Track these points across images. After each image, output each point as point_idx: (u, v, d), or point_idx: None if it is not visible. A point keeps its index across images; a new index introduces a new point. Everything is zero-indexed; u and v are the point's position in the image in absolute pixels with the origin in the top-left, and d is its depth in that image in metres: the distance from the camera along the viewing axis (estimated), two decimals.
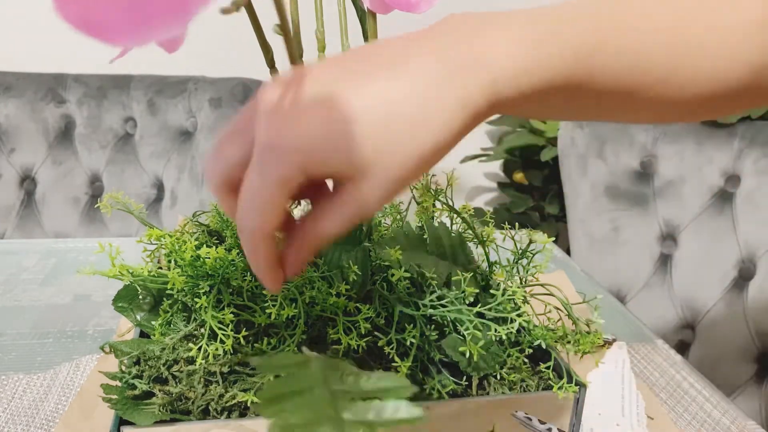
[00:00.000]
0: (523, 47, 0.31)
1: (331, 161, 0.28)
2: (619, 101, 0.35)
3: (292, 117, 0.28)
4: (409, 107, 0.28)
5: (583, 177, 1.19)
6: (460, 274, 0.42)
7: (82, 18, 0.15)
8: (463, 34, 0.31)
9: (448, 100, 0.29)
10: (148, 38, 0.16)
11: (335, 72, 0.29)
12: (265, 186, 0.28)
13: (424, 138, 0.29)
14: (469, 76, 0.29)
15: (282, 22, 0.32)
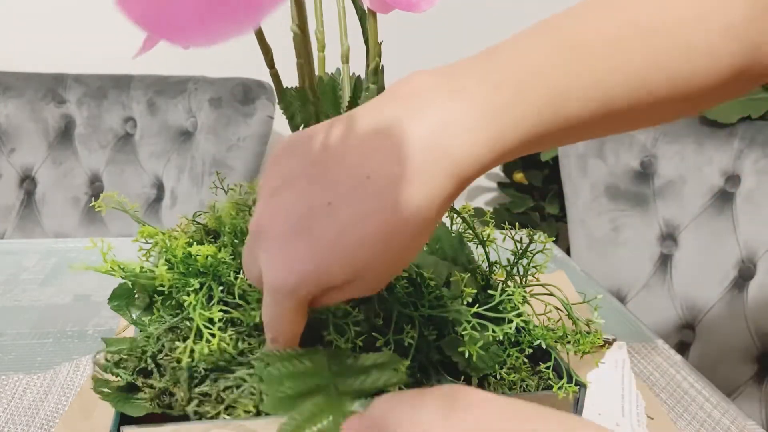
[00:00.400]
0: (488, 126, 0.31)
1: (330, 283, 0.31)
2: (592, 129, 0.36)
3: (283, 257, 0.31)
4: (382, 220, 0.30)
5: (583, 177, 1.19)
6: (458, 274, 0.42)
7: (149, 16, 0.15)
8: (424, 119, 0.31)
9: (418, 203, 0.30)
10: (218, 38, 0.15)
11: (306, 205, 0.31)
12: (280, 314, 0.33)
13: (402, 241, 0.31)
14: (433, 172, 0.30)
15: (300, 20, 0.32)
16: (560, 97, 0.33)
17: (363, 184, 0.30)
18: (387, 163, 0.30)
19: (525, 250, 0.46)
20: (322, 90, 0.45)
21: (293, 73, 0.42)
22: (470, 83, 0.32)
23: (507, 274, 0.46)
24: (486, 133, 0.31)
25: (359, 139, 0.31)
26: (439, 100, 0.31)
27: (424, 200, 0.30)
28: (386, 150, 0.30)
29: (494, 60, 0.33)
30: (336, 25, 0.43)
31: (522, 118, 0.32)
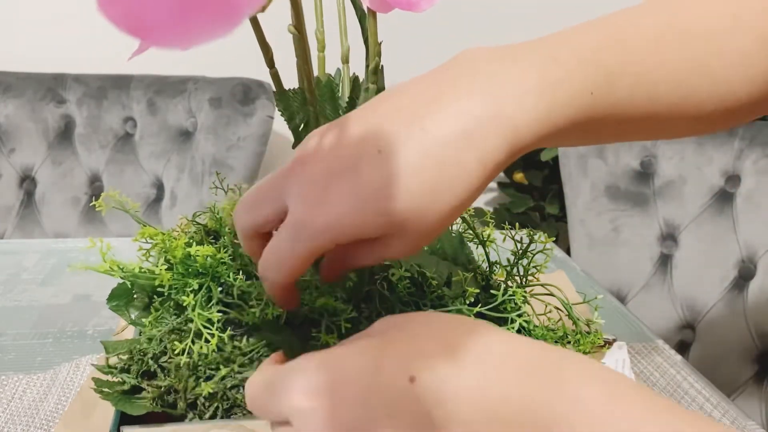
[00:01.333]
0: (544, 93, 0.31)
1: (361, 233, 0.30)
2: (636, 128, 0.36)
3: (322, 192, 0.30)
4: (430, 173, 0.29)
5: (583, 177, 1.19)
6: (461, 273, 0.42)
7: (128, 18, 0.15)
8: (481, 79, 0.31)
9: (467, 162, 0.30)
10: (196, 41, 0.15)
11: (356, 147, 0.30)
12: (293, 254, 0.31)
13: (447, 200, 0.30)
14: (488, 134, 0.30)
15: (297, 21, 0.32)
16: (611, 82, 0.33)
17: (416, 135, 0.30)
18: (443, 121, 0.30)
19: (525, 250, 0.46)
20: (320, 91, 0.45)
21: (293, 73, 0.42)
22: (527, 55, 0.32)
23: (507, 274, 0.46)
24: (544, 104, 0.31)
25: (415, 99, 0.31)
26: (496, 66, 0.31)
27: (475, 164, 0.30)
28: (443, 109, 0.30)
29: (548, 41, 0.33)
30: (336, 25, 0.43)
31: (576, 94, 0.31)
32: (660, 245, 1.13)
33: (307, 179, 0.31)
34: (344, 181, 0.30)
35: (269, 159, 1.51)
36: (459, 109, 0.30)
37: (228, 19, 0.15)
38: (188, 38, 0.15)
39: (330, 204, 0.30)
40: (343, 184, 0.30)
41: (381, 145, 0.30)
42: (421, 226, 0.30)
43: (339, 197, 0.30)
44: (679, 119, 0.36)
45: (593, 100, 0.32)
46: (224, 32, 0.15)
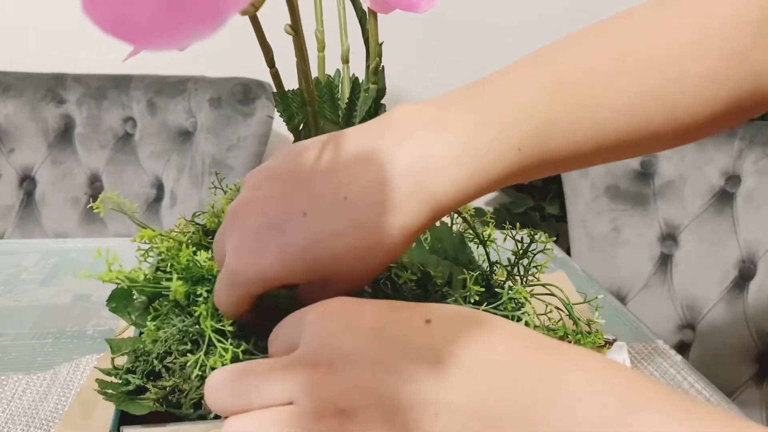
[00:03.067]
0: (467, 163, 0.32)
1: (290, 282, 0.32)
2: (580, 161, 0.36)
3: (251, 246, 0.32)
4: (352, 239, 0.31)
5: (583, 177, 1.19)
6: (466, 272, 0.42)
7: (112, 20, 0.15)
8: (405, 149, 0.32)
9: (389, 228, 0.31)
10: (181, 42, 0.15)
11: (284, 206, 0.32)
12: (230, 297, 0.34)
13: (369, 262, 0.32)
14: (410, 204, 0.31)
15: (294, 21, 0.32)
16: (544, 132, 0.33)
17: (340, 204, 0.31)
18: (366, 188, 0.31)
19: (526, 250, 0.46)
20: (320, 92, 0.45)
21: (293, 73, 0.42)
22: (455, 119, 0.33)
23: (508, 274, 0.46)
24: (466, 168, 0.32)
25: (345, 161, 0.33)
26: (423, 134, 0.32)
27: (398, 227, 0.31)
28: (368, 176, 0.32)
29: (480, 94, 0.34)
30: (336, 25, 0.43)
31: (503, 154, 0.32)
32: (660, 245, 1.13)
33: (237, 233, 0.33)
34: (271, 238, 0.32)
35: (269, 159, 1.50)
36: (383, 180, 0.31)
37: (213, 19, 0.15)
38: (174, 39, 0.15)
39: (257, 258, 0.32)
40: (270, 242, 0.32)
41: (306, 208, 0.32)
42: (347, 279, 0.32)
43: (266, 252, 0.32)
44: (631, 148, 0.36)
45: (521, 156, 0.33)
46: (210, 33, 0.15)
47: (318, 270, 0.32)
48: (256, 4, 0.30)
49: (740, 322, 1.01)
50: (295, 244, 0.31)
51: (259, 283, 0.32)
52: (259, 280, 0.32)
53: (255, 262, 0.32)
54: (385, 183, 0.31)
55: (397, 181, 0.31)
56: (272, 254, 0.32)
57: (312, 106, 0.42)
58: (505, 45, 1.60)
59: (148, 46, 0.15)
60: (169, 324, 0.40)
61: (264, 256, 0.32)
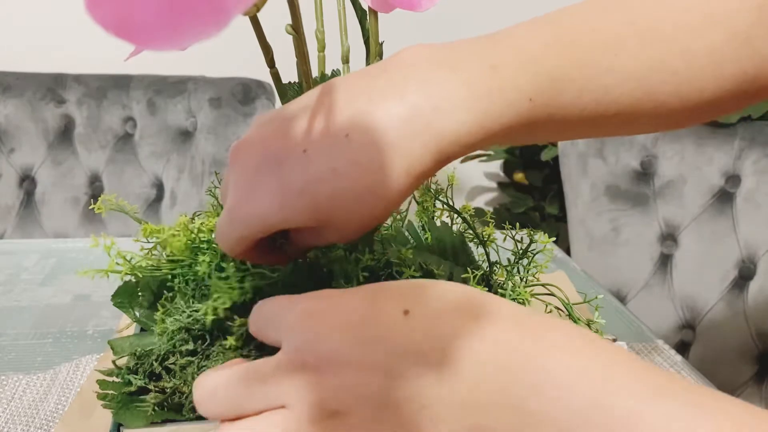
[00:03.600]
0: (476, 104, 0.30)
1: (287, 225, 0.31)
2: (585, 127, 0.35)
3: (250, 184, 0.31)
4: (353, 179, 0.30)
5: (583, 177, 1.19)
6: (470, 271, 0.42)
7: (115, 20, 0.15)
8: (413, 87, 0.31)
9: (392, 170, 0.30)
10: (183, 42, 0.15)
11: (284, 143, 0.31)
12: (230, 236, 0.33)
13: (371, 205, 0.30)
14: (415, 144, 0.30)
15: (294, 21, 0.32)
16: (554, 87, 0.32)
17: (341, 142, 0.30)
18: (369, 128, 0.30)
19: (525, 250, 0.46)
20: None
21: (293, 73, 0.42)
22: (465, 61, 0.31)
23: (507, 274, 0.46)
24: (474, 113, 0.30)
25: (349, 99, 0.31)
26: (431, 73, 0.31)
27: (400, 170, 0.30)
28: (370, 114, 0.30)
29: (493, 43, 0.33)
30: (336, 25, 0.43)
31: (513, 104, 0.31)
32: (660, 245, 1.13)
33: (238, 169, 0.32)
34: (270, 176, 0.31)
35: None
36: (387, 118, 0.30)
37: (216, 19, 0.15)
38: (176, 39, 0.15)
39: (255, 197, 0.31)
40: (269, 179, 0.31)
41: (307, 145, 0.30)
42: (348, 224, 0.31)
43: (264, 191, 0.31)
44: (634, 119, 0.36)
45: (532, 106, 0.32)
46: (213, 33, 0.15)
47: (316, 212, 0.30)
48: (258, 4, 0.30)
49: (740, 322, 1.01)
50: (293, 182, 0.30)
51: (256, 223, 0.31)
52: (256, 220, 0.31)
53: (252, 200, 0.31)
54: (389, 121, 0.30)
55: (402, 120, 0.30)
56: (270, 193, 0.31)
57: None
58: None
59: (151, 46, 0.15)
60: (178, 311, 0.40)
61: (262, 194, 0.31)
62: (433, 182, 0.49)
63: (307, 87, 0.41)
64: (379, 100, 0.30)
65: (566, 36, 0.34)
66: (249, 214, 0.31)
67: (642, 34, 0.34)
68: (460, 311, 0.28)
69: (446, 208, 0.48)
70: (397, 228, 0.45)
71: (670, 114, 0.36)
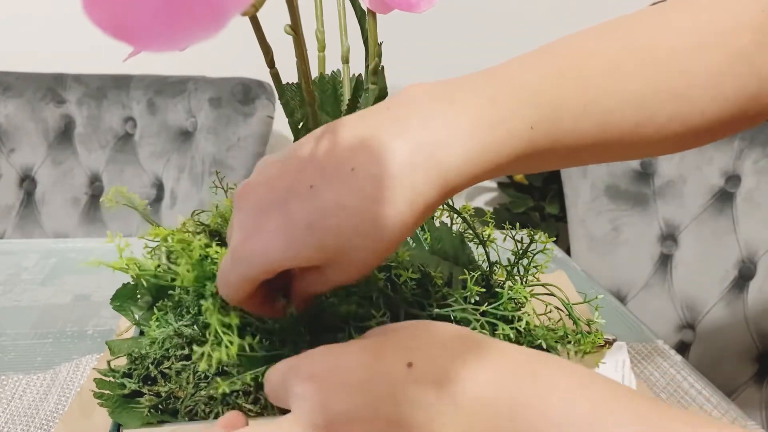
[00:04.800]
0: (477, 136, 0.31)
1: (293, 264, 0.31)
2: (589, 154, 0.36)
3: (254, 224, 0.31)
4: (359, 213, 0.30)
5: (583, 177, 1.19)
6: (467, 272, 0.42)
7: (113, 21, 0.15)
8: (415, 122, 0.31)
9: (397, 203, 0.30)
10: (181, 43, 0.15)
11: (290, 181, 0.32)
12: (232, 279, 0.32)
13: (378, 239, 0.30)
14: (419, 178, 0.30)
15: (293, 21, 0.32)
16: (554, 115, 0.33)
17: (347, 175, 0.30)
18: (374, 161, 0.30)
19: (525, 250, 0.46)
20: (323, 87, 0.45)
21: (293, 73, 0.42)
22: (466, 96, 0.32)
23: (507, 274, 0.46)
24: (475, 144, 0.31)
25: (353, 137, 0.31)
26: (433, 109, 0.31)
27: (405, 204, 0.30)
28: (375, 150, 0.30)
29: (491, 77, 0.33)
30: (336, 25, 0.43)
31: (514, 133, 0.32)
32: (660, 245, 1.13)
33: (243, 211, 0.32)
34: (275, 214, 0.31)
35: None
36: (391, 152, 0.30)
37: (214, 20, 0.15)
38: (174, 40, 0.15)
39: (260, 235, 0.31)
40: (275, 217, 0.31)
41: (313, 181, 0.31)
42: (354, 260, 0.31)
43: (269, 229, 0.31)
44: (637, 142, 0.36)
45: (533, 135, 0.32)
46: (210, 34, 0.15)
47: (322, 249, 0.30)
48: (256, 4, 0.30)
49: (740, 322, 1.01)
50: (300, 218, 0.30)
51: (260, 262, 0.31)
52: (260, 258, 0.31)
53: (257, 238, 0.31)
54: (393, 155, 0.30)
55: (405, 154, 0.30)
56: (276, 230, 0.31)
57: (311, 106, 0.42)
58: (505, 45, 1.60)
59: (149, 47, 0.15)
60: (167, 322, 0.40)
61: (267, 232, 0.31)
62: None
63: (307, 87, 0.41)
64: (383, 136, 0.31)
65: (564, 64, 0.34)
66: (253, 252, 0.31)
67: (640, 58, 0.35)
68: (462, 360, 0.29)
69: (446, 208, 0.48)
70: None
71: (672, 138, 0.36)
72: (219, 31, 0.15)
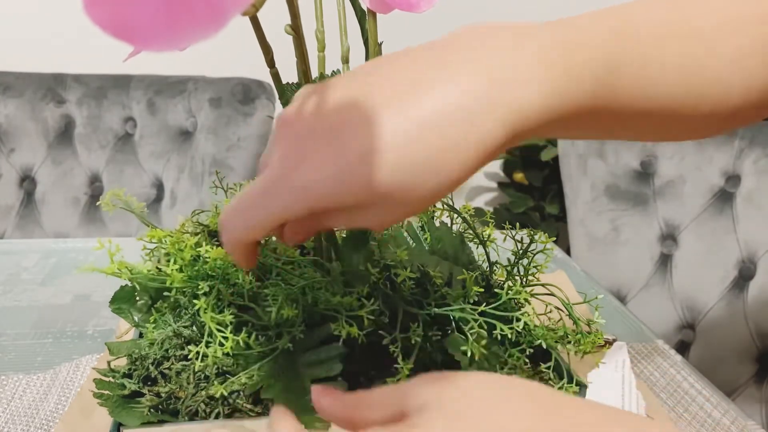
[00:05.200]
0: (549, 78, 0.29)
1: (339, 200, 0.28)
2: (632, 124, 0.35)
3: (303, 153, 0.29)
4: (421, 149, 0.27)
5: (583, 177, 1.19)
6: (465, 272, 0.42)
7: (113, 21, 0.15)
8: (485, 56, 0.29)
9: (464, 142, 0.28)
10: (181, 43, 0.15)
11: (343, 109, 0.29)
12: (264, 210, 0.29)
13: (438, 179, 0.28)
14: (489, 116, 0.28)
15: (294, 21, 0.32)
16: (615, 71, 0.32)
17: (410, 109, 0.27)
18: (440, 96, 0.28)
19: (525, 250, 0.46)
20: None
21: (293, 73, 0.42)
22: (537, 36, 0.30)
23: (507, 274, 0.46)
24: (548, 88, 0.29)
25: (413, 70, 0.29)
26: (505, 44, 0.29)
27: (473, 143, 0.28)
28: (442, 81, 0.28)
29: (558, 23, 0.32)
30: (336, 25, 0.43)
31: (582, 83, 0.30)
32: (660, 245, 1.13)
33: (289, 138, 0.30)
34: (327, 144, 0.28)
35: None
36: (460, 87, 0.28)
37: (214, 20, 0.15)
38: (174, 40, 0.15)
39: (310, 166, 0.28)
40: (326, 148, 0.28)
41: (370, 113, 0.28)
42: (405, 200, 0.28)
43: (320, 160, 0.28)
44: (673, 119, 0.35)
45: (597, 89, 0.31)
46: (210, 34, 0.15)
47: (373, 185, 0.27)
48: (256, 4, 0.29)
49: (740, 322, 1.01)
50: (352, 150, 0.27)
51: (306, 196, 0.28)
52: (308, 192, 0.28)
53: (305, 170, 0.28)
54: (461, 90, 0.28)
55: (477, 92, 0.28)
56: (327, 162, 0.28)
57: None
58: None
59: (149, 46, 0.15)
60: (165, 324, 0.40)
61: (317, 164, 0.28)
62: None
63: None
64: (450, 70, 0.28)
65: (622, 27, 0.33)
66: (297, 185, 0.28)
67: (682, 31, 0.34)
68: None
69: (446, 208, 0.48)
70: (396, 229, 0.45)
71: (703, 118, 0.36)
72: (219, 31, 0.15)
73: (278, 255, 0.44)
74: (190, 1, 0.15)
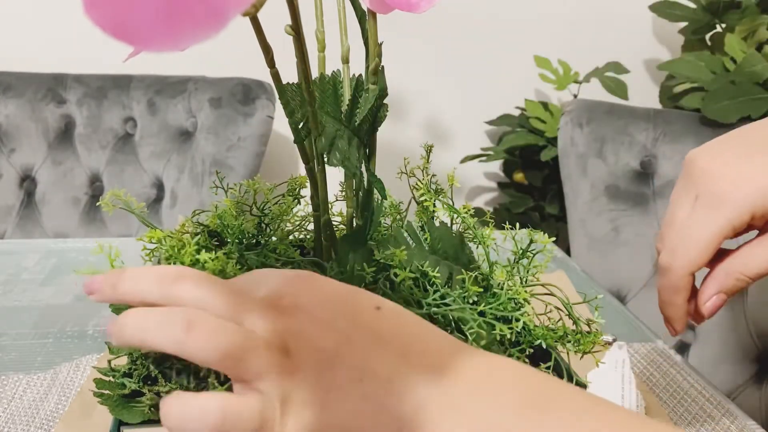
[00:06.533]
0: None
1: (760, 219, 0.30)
2: None
3: (740, 170, 0.30)
4: None
5: (583, 177, 1.19)
6: (465, 272, 0.42)
7: (113, 22, 0.15)
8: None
9: None
10: (181, 43, 0.15)
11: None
12: (708, 226, 0.31)
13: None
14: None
15: (294, 22, 0.32)
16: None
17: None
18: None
19: (525, 250, 0.46)
20: (323, 88, 0.45)
21: (293, 73, 0.42)
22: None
23: (507, 274, 0.46)
24: None
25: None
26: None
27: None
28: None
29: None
30: (336, 25, 0.43)
31: None
32: None
33: (713, 157, 0.32)
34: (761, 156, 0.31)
35: (269, 159, 1.51)
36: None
37: (213, 21, 0.15)
38: (174, 41, 0.15)
39: (755, 177, 0.31)
40: (760, 159, 0.31)
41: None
42: None
43: (760, 170, 0.31)
44: None
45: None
46: (210, 34, 0.15)
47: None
48: (256, 4, 0.29)
49: (740, 322, 1.01)
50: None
51: (748, 207, 0.30)
52: (751, 201, 0.30)
53: (747, 180, 0.30)
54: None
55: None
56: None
57: (312, 106, 0.42)
58: (505, 45, 1.60)
59: (149, 47, 0.15)
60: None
61: (758, 172, 0.30)
62: (433, 182, 0.49)
63: (307, 87, 0.41)
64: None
65: None
66: (743, 193, 0.30)
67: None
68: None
69: (446, 208, 0.48)
70: (396, 229, 0.45)
71: None
72: (219, 32, 0.15)
73: (278, 255, 0.44)
74: (191, 2, 0.15)
